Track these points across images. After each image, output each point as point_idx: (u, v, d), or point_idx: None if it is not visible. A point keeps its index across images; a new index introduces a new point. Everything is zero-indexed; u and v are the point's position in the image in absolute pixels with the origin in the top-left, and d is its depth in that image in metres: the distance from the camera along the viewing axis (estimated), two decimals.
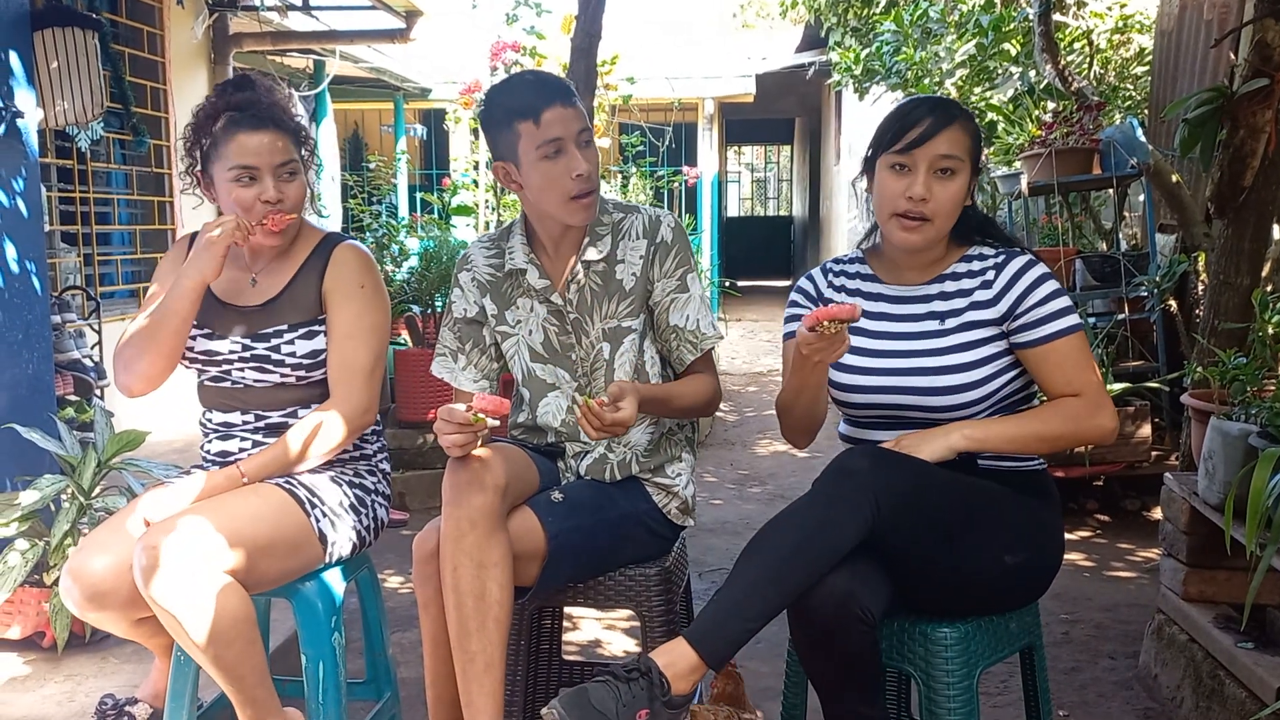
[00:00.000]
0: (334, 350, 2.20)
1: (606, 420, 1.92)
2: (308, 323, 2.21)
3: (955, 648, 1.85)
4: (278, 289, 2.23)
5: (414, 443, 4.98)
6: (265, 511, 2.04)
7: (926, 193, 1.93)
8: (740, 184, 23.77)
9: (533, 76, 2.20)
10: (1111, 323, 4.74)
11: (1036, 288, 1.95)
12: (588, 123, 2.10)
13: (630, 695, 1.69)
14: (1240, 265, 3.18)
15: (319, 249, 2.26)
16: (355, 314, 2.21)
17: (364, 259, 2.27)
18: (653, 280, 2.16)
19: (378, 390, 2.23)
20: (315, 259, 2.25)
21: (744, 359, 9.48)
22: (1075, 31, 6.01)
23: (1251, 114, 3.02)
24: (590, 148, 2.09)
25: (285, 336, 2.20)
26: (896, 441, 1.91)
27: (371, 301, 2.23)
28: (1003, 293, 1.96)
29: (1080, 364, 1.93)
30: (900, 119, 1.96)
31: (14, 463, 3.03)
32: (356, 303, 2.21)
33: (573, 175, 2.04)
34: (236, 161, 2.12)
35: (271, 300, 2.23)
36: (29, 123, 3.20)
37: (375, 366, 2.21)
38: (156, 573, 1.88)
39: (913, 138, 1.93)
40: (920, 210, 1.94)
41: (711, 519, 4.64)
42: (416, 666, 2.37)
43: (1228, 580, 2.68)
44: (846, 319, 1.79)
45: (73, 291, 4.57)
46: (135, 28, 5.93)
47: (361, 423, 2.19)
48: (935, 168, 1.93)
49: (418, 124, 9.69)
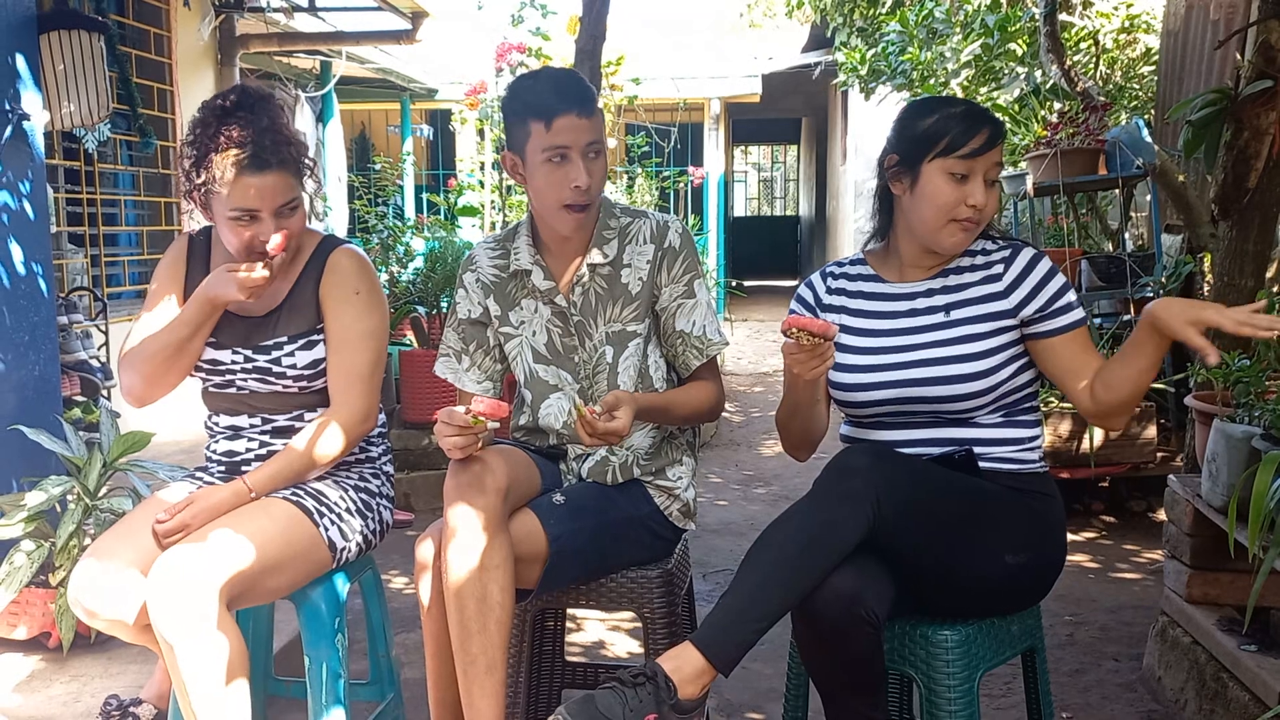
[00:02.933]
0: (332, 357, 2.19)
1: (599, 429, 1.92)
2: (307, 333, 2.20)
3: (956, 650, 1.85)
4: (278, 299, 2.22)
5: (419, 443, 4.99)
6: (274, 531, 2.03)
7: (984, 202, 1.96)
8: (747, 184, 23.78)
9: (559, 77, 2.15)
10: (1117, 323, 4.73)
11: (1050, 280, 1.98)
12: (601, 135, 2.08)
13: (637, 701, 1.70)
14: (1244, 266, 3.18)
15: (316, 255, 2.24)
16: (351, 320, 2.19)
17: (359, 263, 2.25)
18: (659, 286, 2.16)
19: (377, 395, 2.22)
20: (312, 266, 2.23)
21: (750, 359, 9.47)
22: (1081, 31, 6.00)
23: (1256, 115, 3.02)
24: (598, 160, 2.07)
25: (285, 349, 2.19)
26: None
27: (368, 306, 2.21)
28: (1016, 284, 1.99)
29: (1092, 349, 1.98)
30: (963, 125, 1.96)
31: (20, 463, 3.05)
32: (352, 308, 2.20)
33: (571, 185, 2.04)
34: (238, 204, 2.08)
35: (272, 311, 2.22)
36: (35, 125, 3.22)
37: (374, 371, 2.20)
38: (162, 603, 1.89)
39: (975, 146, 1.95)
40: (978, 217, 1.98)
41: (716, 520, 4.64)
42: (420, 667, 2.38)
43: (1231, 582, 2.67)
44: (819, 333, 1.80)
45: (79, 292, 4.59)
46: (142, 29, 5.95)
47: (363, 429, 2.19)
48: (989, 177, 1.98)
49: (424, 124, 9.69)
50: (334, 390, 2.19)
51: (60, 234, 4.90)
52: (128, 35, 5.71)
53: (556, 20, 5.92)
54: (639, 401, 2.02)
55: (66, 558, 2.81)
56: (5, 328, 3.09)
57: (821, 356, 1.83)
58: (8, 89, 3.12)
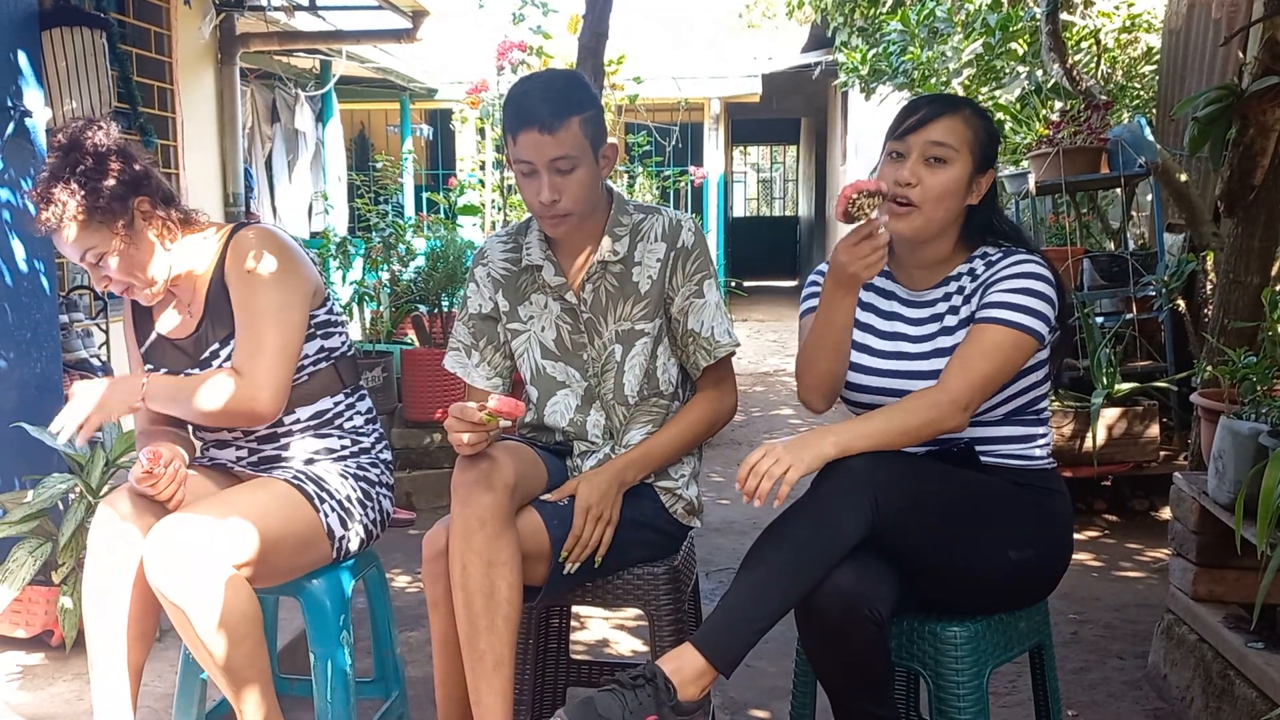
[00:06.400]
0: (236, 340, 2.14)
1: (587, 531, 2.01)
2: (232, 331, 2.17)
3: (965, 647, 1.84)
4: (201, 308, 2.21)
5: (421, 442, 4.98)
6: (273, 507, 2.04)
7: (913, 178, 1.91)
8: (746, 184, 23.77)
9: (533, 87, 2.05)
10: (1119, 322, 4.73)
11: (1012, 279, 1.90)
12: (570, 150, 1.98)
13: (637, 702, 1.69)
14: (1250, 264, 3.17)
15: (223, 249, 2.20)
16: (245, 295, 2.13)
17: (259, 238, 2.16)
18: (674, 287, 2.14)
19: (279, 374, 2.09)
20: (219, 261, 2.20)
21: (750, 359, 9.46)
22: (1083, 30, 5.99)
23: (1261, 112, 3.01)
24: (570, 175, 2.00)
25: (221, 355, 2.17)
26: (768, 449, 1.81)
27: (268, 280, 2.12)
28: (980, 284, 1.94)
29: (984, 353, 1.84)
30: (907, 107, 1.98)
31: (22, 462, 3.04)
32: (246, 284, 2.13)
33: (537, 199, 2.02)
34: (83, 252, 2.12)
35: (200, 322, 2.20)
36: (37, 122, 3.21)
37: (276, 348, 2.09)
38: (166, 567, 1.89)
39: (909, 124, 1.93)
40: (906, 195, 1.91)
41: (719, 519, 4.63)
42: (424, 665, 2.37)
43: (1238, 580, 2.66)
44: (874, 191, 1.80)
45: (80, 291, 4.57)
46: (143, 28, 5.93)
47: (255, 404, 2.07)
48: (926, 155, 1.92)
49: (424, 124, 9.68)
50: (237, 363, 2.11)
51: None
52: (128, 33, 5.69)
53: (558, 19, 5.92)
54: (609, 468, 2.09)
55: (69, 556, 2.81)
56: (8, 325, 3.09)
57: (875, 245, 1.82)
58: (10, 86, 3.12)
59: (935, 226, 1.95)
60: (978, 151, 1.94)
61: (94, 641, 2.02)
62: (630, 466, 2.11)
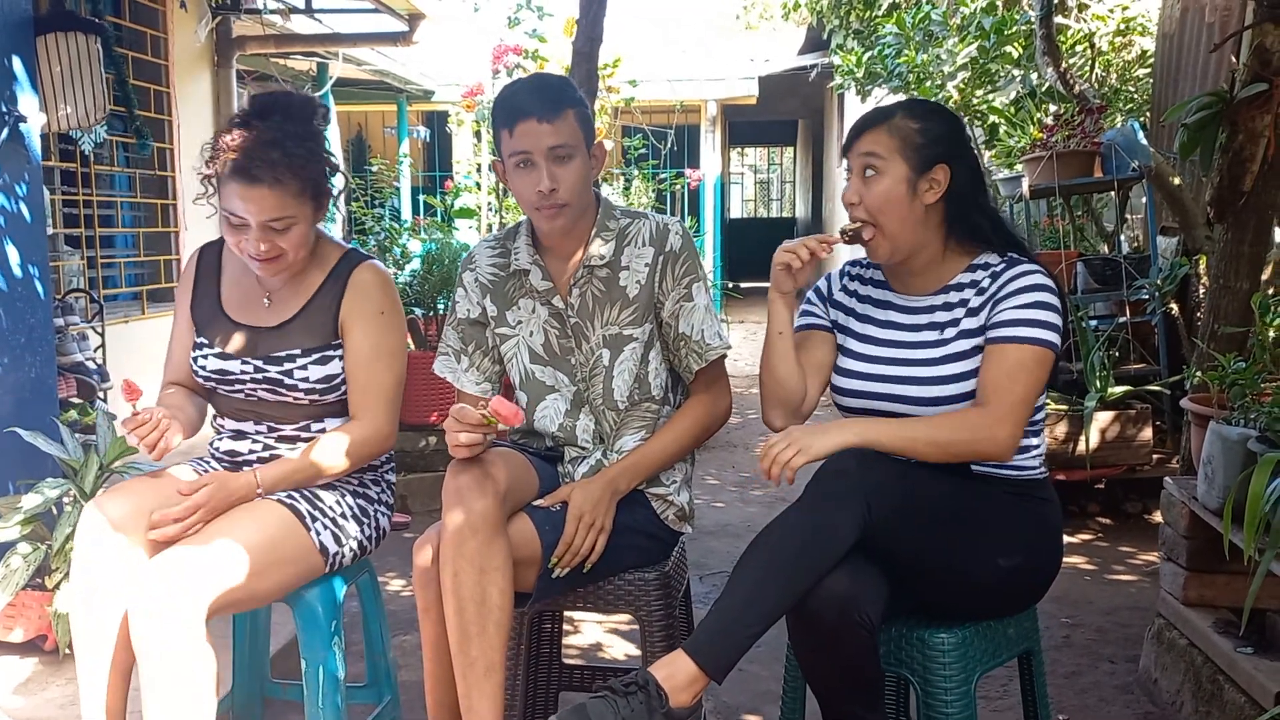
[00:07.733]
0: (356, 375, 2.19)
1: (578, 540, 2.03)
2: (321, 348, 2.19)
3: (953, 653, 1.85)
4: (292, 311, 2.21)
5: (416, 445, 4.98)
6: (260, 537, 2.01)
7: (855, 196, 1.95)
8: (743, 186, 23.78)
9: (524, 86, 2.13)
10: (1113, 326, 4.74)
11: (1019, 294, 1.90)
12: (568, 139, 2.04)
13: (629, 710, 1.70)
14: (1240, 269, 3.18)
15: (336, 271, 2.23)
16: (377, 339, 2.20)
17: (383, 281, 2.25)
18: (663, 289, 2.15)
19: (398, 413, 2.24)
20: (332, 282, 2.21)
21: (746, 361, 9.47)
22: (1077, 34, 6.01)
23: (1251, 118, 3.02)
24: (568, 164, 2.04)
25: (298, 361, 2.18)
26: (787, 433, 1.85)
27: (391, 325, 2.23)
28: (988, 299, 1.94)
29: (1011, 374, 1.85)
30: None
31: (16, 466, 3.04)
32: (377, 327, 2.20)
33: (535, 189, 2.04)
34: (226, 208, 2.09)
35: (286, 323, 2.21)
36: (32, 126, 3.21)
37: (397, 391, 2.22)
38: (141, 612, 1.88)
39: (845, 143, 1.99)
40: (854, 212, 1.96)
41: (713, 522, 4.64)
42: (417, 670, 2.38)
43: (1227, 585, 2.68)
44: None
45: (76, 294, 4.58)
46: (138, 31, 5.94)
47: (384, 446, 2.21)
48: (863, 169, 1.96)
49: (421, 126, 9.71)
50: (356, 407, 2.19)
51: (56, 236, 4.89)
52: (124, 37, 5.70)
53: (553, 22, 5.92)
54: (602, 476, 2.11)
55: (63, 560, 2.81)
56: (2, 330, 3.09)
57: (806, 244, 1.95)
58: (4, 91, 3.12)
59: (904, 240, 1.96)
60: (912, 154, 1.94)
61: (80, 640, 2.02)
62: (623, 474, 2.13)
